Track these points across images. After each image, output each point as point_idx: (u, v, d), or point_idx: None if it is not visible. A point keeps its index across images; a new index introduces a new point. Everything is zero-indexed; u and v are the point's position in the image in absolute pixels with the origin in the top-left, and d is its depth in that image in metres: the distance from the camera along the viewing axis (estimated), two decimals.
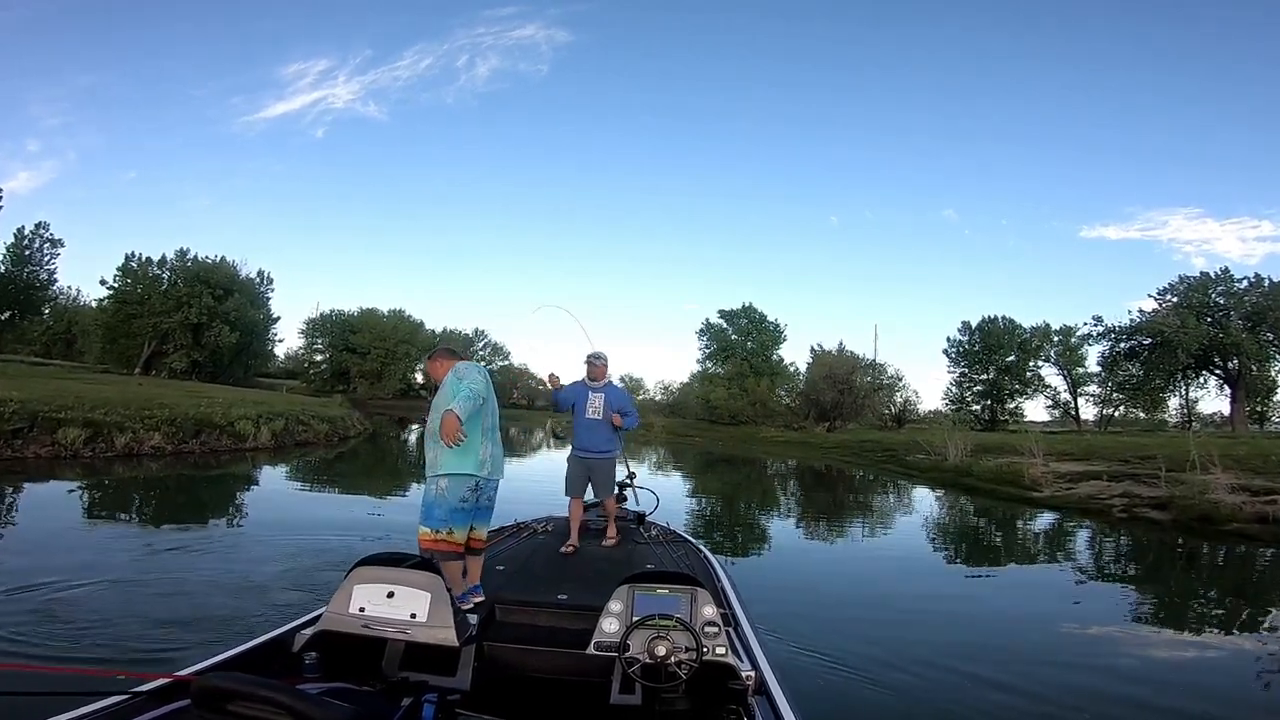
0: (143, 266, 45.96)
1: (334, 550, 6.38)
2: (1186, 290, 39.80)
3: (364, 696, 1.98)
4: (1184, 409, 43.93)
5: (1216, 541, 10.03)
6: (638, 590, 2.65)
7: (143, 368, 43.74)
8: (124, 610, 4.50)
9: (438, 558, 3.05)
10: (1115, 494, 12.40)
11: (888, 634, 4.96)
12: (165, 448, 12.90)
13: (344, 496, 11.10)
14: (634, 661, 2.38)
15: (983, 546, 10.45)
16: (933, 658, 4.49)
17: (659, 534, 5.14)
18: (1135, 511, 11.45)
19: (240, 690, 1.47)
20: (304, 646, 2.43)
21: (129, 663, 3.53)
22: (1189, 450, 13.00)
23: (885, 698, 3.83)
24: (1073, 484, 13.77)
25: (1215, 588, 7.97)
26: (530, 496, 7.36)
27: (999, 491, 14.66)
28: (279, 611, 4.19)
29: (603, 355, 5.10)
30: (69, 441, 11.40)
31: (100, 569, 5.38)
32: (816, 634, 4.75)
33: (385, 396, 55.95)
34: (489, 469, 3.39)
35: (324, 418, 20.37)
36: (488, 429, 3.41)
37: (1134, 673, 4.65)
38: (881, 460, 23.88)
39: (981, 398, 48.32)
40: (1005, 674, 4.32)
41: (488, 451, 3.39)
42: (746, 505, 13.79)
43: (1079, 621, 5.94)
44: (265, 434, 15.62)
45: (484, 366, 3.70)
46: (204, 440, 13.94)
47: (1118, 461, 15.93)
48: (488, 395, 3.37)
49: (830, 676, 4.02)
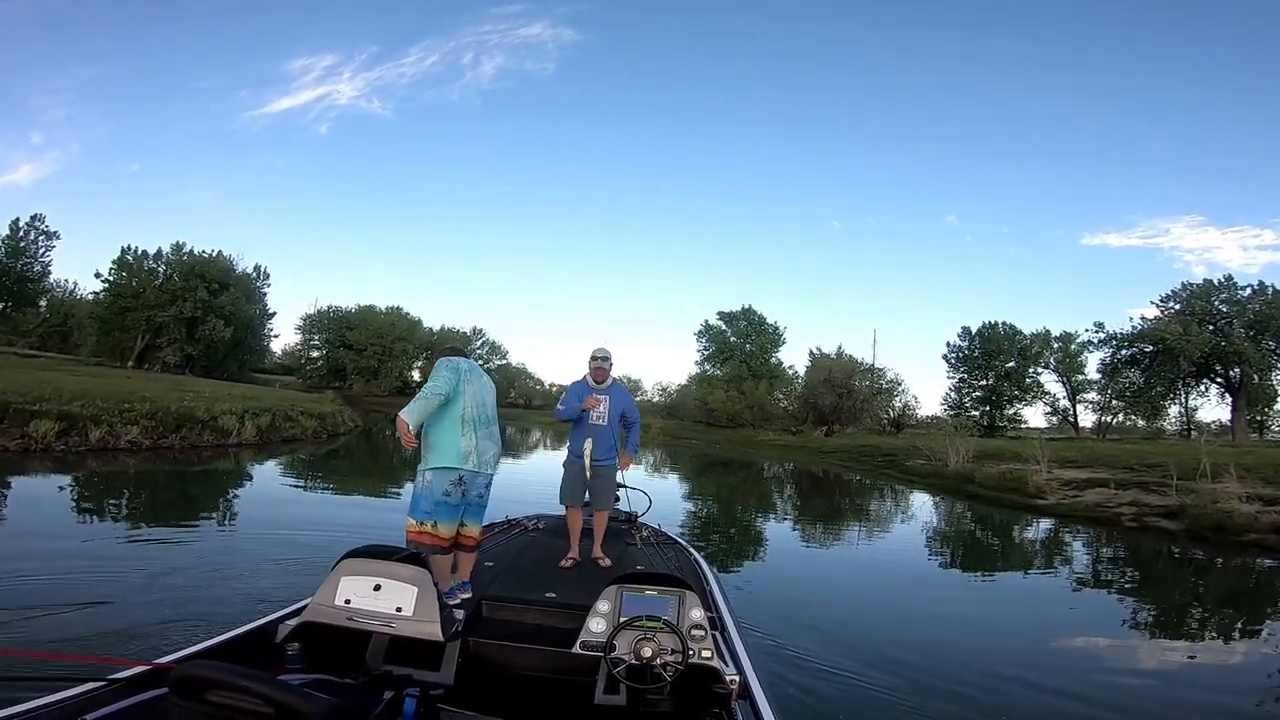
0: (138, 260, 45.57)
1: (299, 550, 6.03)
2: (1189, 297, 39.56)
3: (346, 688, 1.96)
4: (1183, 417, 43.68)
5: (1233, 553, 9.68)
6: (626, 591, 2.63)
7: (136, 361, 43.36)
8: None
9: (424, 551, 2.99)
10: (1123, 502, 12.04)
11: (878, 642, 4.88)
12: (143, 442, 12.47)
13: (322, 495, 10.77)
14: (620, 662, 2.37)
15: (983, 554, 10.14)
16: (925, 665, 4.40)
17: (649, 535, 5.06)
18: (1145, 520, 11.09)
19: (219, 679, 1.45)
20: (287, 637, 2.40)
21: (97, 650, 3.42)
22: (1195, 458, 12.66)
23: (870, 706, 3.77)
24: (1078, 491, 13.40)
25: (1241, 602, 7.62)
26: (519, 495, 7.20)
27: (1003, 499, 14.31)
28: (244, 609, 3.98)
29: (608, 355, 4.54)
30: (40, 434, 10.99)
31: (50, 559, 5.21)
32: (808, 640, 4.69)
33: (382, 394, 55.54)
34: (473, 462, 3.29)
35: (313, 414, 19.95)
36: (468, 421, 3.32)
37: (1119, 689, 4.39)
38: (881, 466, 23.53)
39: (980, 403, 48.05)
40: (999, 684, 4.23)
41: (469, 444, 3.29)
42: (741, 510, 13.45)
43: (1071, 630, 5.89)
44: (250, 429, 15.21)
45: (474, 363, 3.55)
46: (184, 435, 13.52)
47: (1122, 469, 15.57)
48: (457, 389, 3.30)
49: (815, 682, 3.97)
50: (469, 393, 3.34)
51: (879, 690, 3.95)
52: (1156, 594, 7.80)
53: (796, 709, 3.48)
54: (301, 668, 2.25)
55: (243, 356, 50.96)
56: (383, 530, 6.58)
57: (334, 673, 2.14)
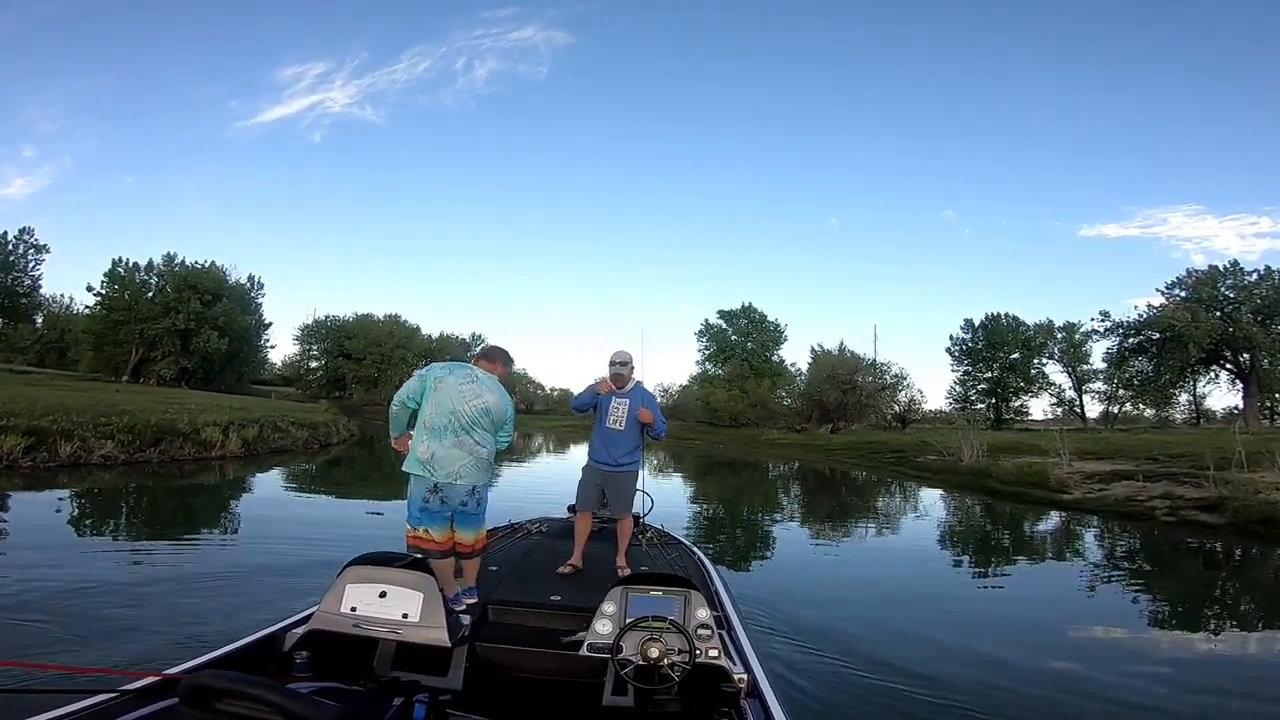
0: (130, 272, 45.15)
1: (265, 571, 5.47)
2: (1195, 284, 38.99)
3: (355, 696, 1.99)
4: (1192, 405, 42.99)
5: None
6: (631, 592, 2.61)
7: (130, 375, 42.87)
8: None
9: (422, 555, 3.04)
10: (1154, 495, 11.40)
11: (893, 640, 4.71)
12: (118, 456, 11.87)
13: (312, 503, 10.11)
14: (627, 663, 2.36)
15: (1004, 551, 9.57)
16: (941, 664, 4.25)
17: (653, 536, 5.03)
18: (1182, 514, 10.43)
19: (229, 688, 1.46)
20: (295, 646, 2.41)
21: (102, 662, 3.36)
22: (1220, 447, 12.04)
23: (881, 703, 3.67)
24: (1104, 485, 12.75)
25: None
26: (521, 498, 7.09)
27: (1025, 494, 13.61)
28: (250, 619, 3.84)
29: (628, 359, 4.33)
30: (6, 450, 10.37)
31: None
32: (819, 639, 4.58)
33: (382, 402, 54.93)
34: (443, 473, 3.17)
35: (305, 424, 19.33)
36: (428, 428, 3.20)
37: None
38: (890, 462, 22.87)
39: (986, 396, 47.42)
40: (1021, 686, 4.00)
41: (426, 452, 3.18)
42: (748, 512, 12.88)
43: (1086, 621, 5.73)
44: (234, 441, 14.60)
45: (462, 368, 3.38)
46: (164, 449, 12.92)
47: (1145, 460, 14.95)
48: (421, 397, 3.25)
49: (825, 680, 3.89)
50: (434, 399, 3.22)
51: (888, 690, 3.81)
52: (1217, 593, 7.20)
53: (807, 707, 3.40)
54: (310, 676, 2.25)
55: (240, 368, 50.51)
56: (385, 534, 6.49)
57: (342, 680, 2.16)
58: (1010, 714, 3.64)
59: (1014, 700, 3.79)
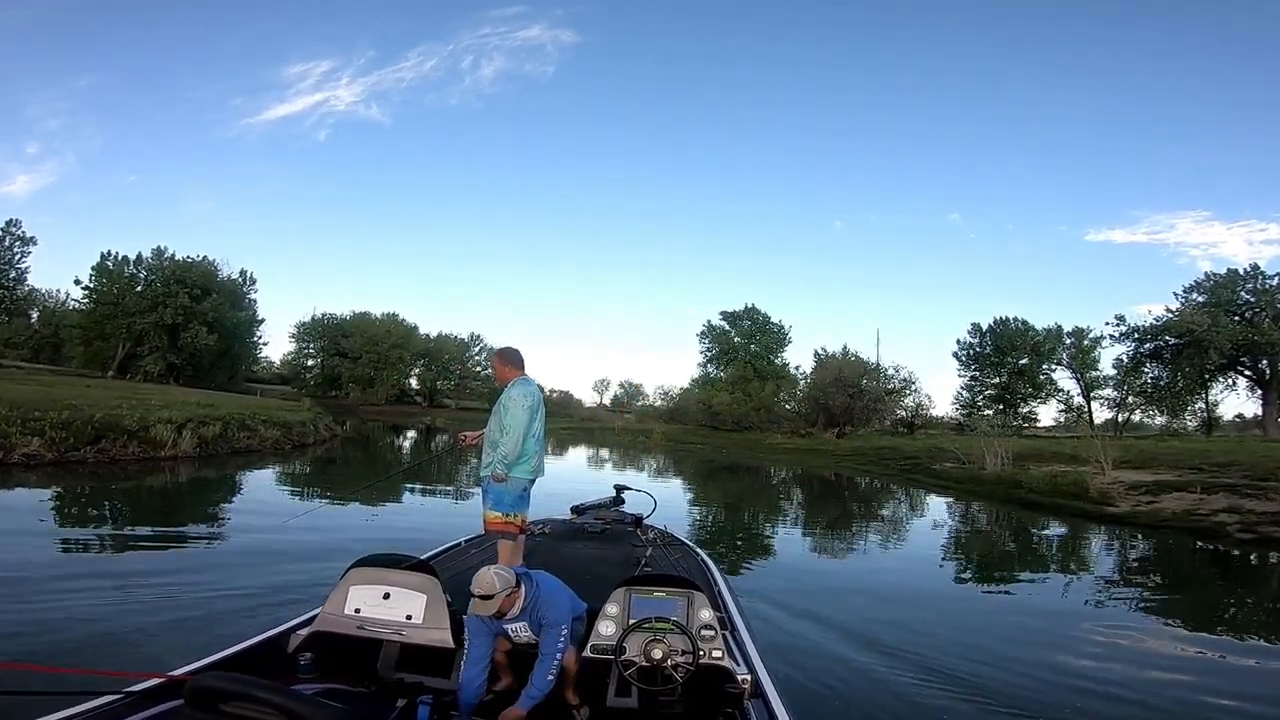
0: (118, 265, 44.04)
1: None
2: (1214, 288, 37.70)
3: (359, 697, 2.14)
4: (1205, 412, 41.55)
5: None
6: (635, 593, 2.62)
7: (118, 371, 41.64)
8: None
9: (505, 538, 3.43)
10: (1217, 509, 10.06)
11: (900, 647, 4.52)
12: (44, 455, 10.55)
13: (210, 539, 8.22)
14: (630, 664, 2.38)
15: (1052, 567, 8.41)
16: (957, 669, 4.10)
17: (656, 537, 4.89)
18: (1260, 531, 9.09)
19: (233, 690, 1.48)
20: (299, 647, 2.45)
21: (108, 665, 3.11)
22: (1268, 455, 10.71)
23: (885, 705, 3.59)
24: (1152, 496, 11.42)
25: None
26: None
27: (1066, 506, 12.27)
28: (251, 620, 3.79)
29: (494, 588, 2.38)
30: None
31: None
32: (829, 640, 4.51)
33: (378, 402, 53.73)
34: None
35: (278, 423, 18.02)
36: (538, 439, 3.67)
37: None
38: (906, 470, 21.53)
39: (994, 402, 45.99)
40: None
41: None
42: (752, 517, 11.57)
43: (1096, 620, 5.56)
44: (187, 440, 13.27)
45: (532, 383, 3.75)
46: (103, 448, 11.59)
47: (1187, 470, 13.61)
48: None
49: (829, 681, 3.82)
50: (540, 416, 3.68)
51: (893, 693, 3.74)
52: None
53: (809, 707, 3.32)
54: (314, 677, 2.31)
55: (232, 365, 49.25)
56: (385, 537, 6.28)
57: (346, 681, 2.30)
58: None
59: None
